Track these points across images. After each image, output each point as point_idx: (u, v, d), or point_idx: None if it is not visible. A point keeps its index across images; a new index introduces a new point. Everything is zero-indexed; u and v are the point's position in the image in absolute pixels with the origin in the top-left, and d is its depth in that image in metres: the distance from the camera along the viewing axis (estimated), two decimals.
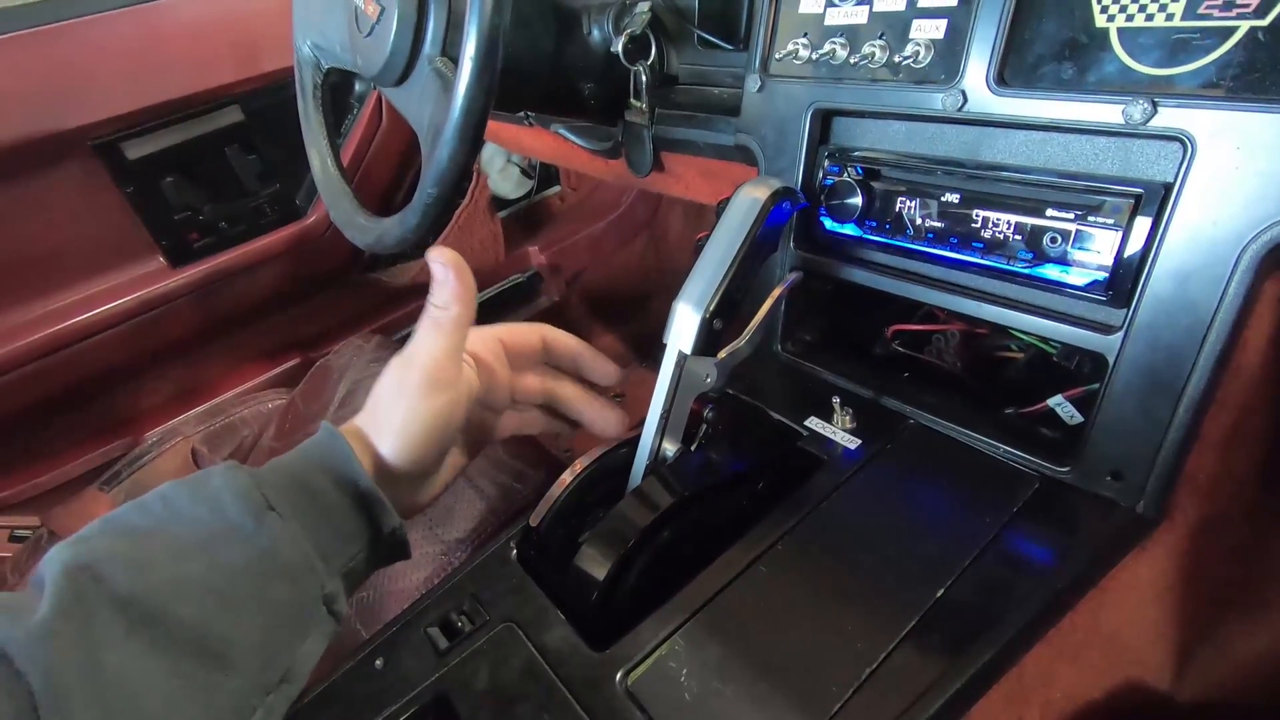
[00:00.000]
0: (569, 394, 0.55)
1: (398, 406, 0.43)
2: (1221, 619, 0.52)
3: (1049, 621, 0.41)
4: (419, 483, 0.47)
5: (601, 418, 0.55)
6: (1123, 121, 0.40)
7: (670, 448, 0.52)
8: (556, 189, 1.61)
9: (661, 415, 0.52)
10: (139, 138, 0.97)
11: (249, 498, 0.38)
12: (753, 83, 0.60)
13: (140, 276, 1.03)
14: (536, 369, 0.54)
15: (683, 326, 0.50)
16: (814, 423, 0.56)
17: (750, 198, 0.51)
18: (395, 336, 1.30)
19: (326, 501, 0.41)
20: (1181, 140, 0.38)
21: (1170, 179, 0.40)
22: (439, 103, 0.57)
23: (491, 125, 1.07)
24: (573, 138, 0.88)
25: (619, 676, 0.40)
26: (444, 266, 0.42)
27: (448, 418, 0.44)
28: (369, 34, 0.61)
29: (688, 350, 0.50)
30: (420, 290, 1.36)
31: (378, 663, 0.45)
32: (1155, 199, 0.40)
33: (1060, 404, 0.52)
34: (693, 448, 0.53)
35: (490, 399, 0.51)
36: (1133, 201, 0.41)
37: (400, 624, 0.48)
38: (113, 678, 0.31)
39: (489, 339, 0.50)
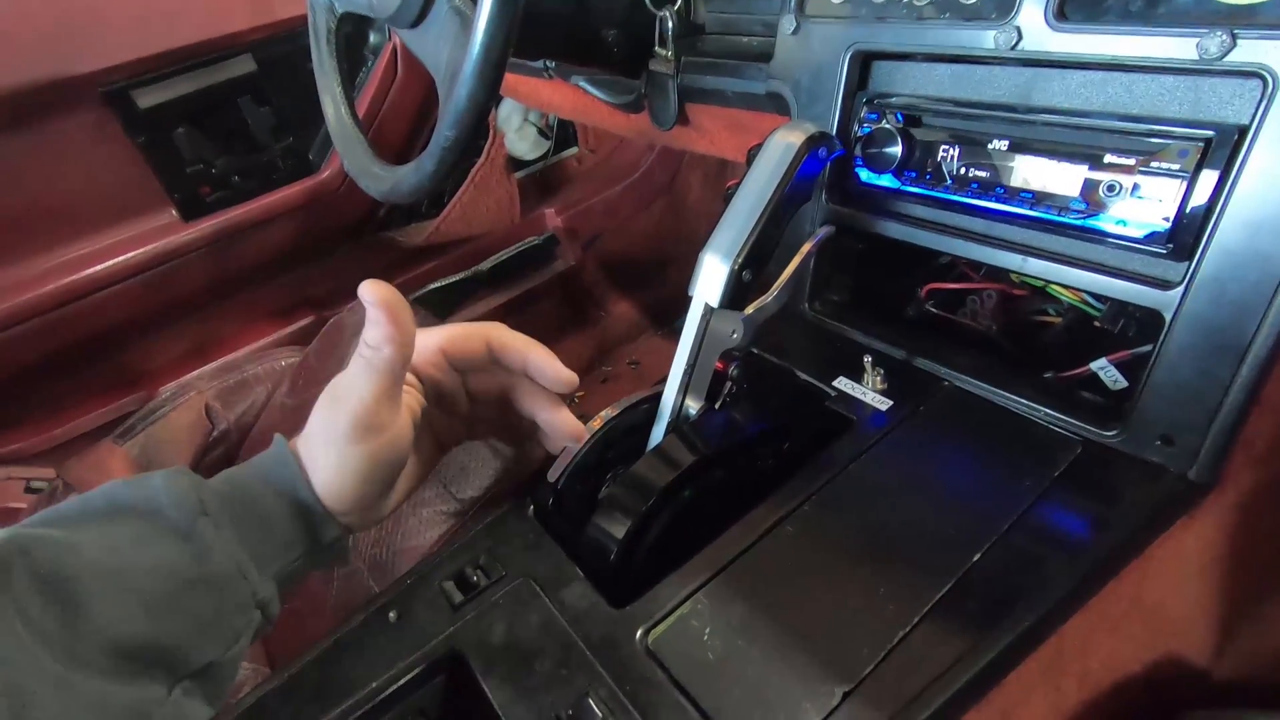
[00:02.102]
0: (524, 391, 0.48)
1: (327, 453, 0.40)
2: (1265, 595, 0.50)
3: (1091, 589, 0.39)
4: (366, 510, 0.43)
5: (558, 421, 0.47)
6: (1196, 56, 0.37)
7: (693, 405, 0.51)
8: (574, 150, 1.57)
9: (685, 371, 0.50)
10: (150, 86, 0.94)
11: (185, 501, 0.37)
12: (787, 24, 0.57)
13: (152, 230, 1.02)
14: (488, 369, 0.48)
15: (710, 278, 0.48)
16: (843, 383, 0.54)
17: (784, 143, 0.48)
18: (410, 297, 1.28)
19: (264, 509, 0.40)
20: (1262, 76, 0.35)
21: (1246, 121, 0.37)
22: (457, 42, 0.54)
23: (510, 79, 1.04)
24: (594, 91, 0.85)
25: (639, 634, 0.39)
26: (375, 305, 0.38)
27: (383, 460, 0.41)
28: None
29: (714, 303, 0.48)
30: (435, 251, 1.34)
31: (391, 615, 0.44)
32: (1228, 142, 0.37)
33: (1104, 367, 0.49)
34: (716, 406, 0.51)
35: (445, 407, 0.47)
36: (1202, 145, 0.38)
37: (414, 577, 0.47)
38: (6, 653, 0.30)
39: (429, 350, 0.45)
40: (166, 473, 0.38)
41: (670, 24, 0.69)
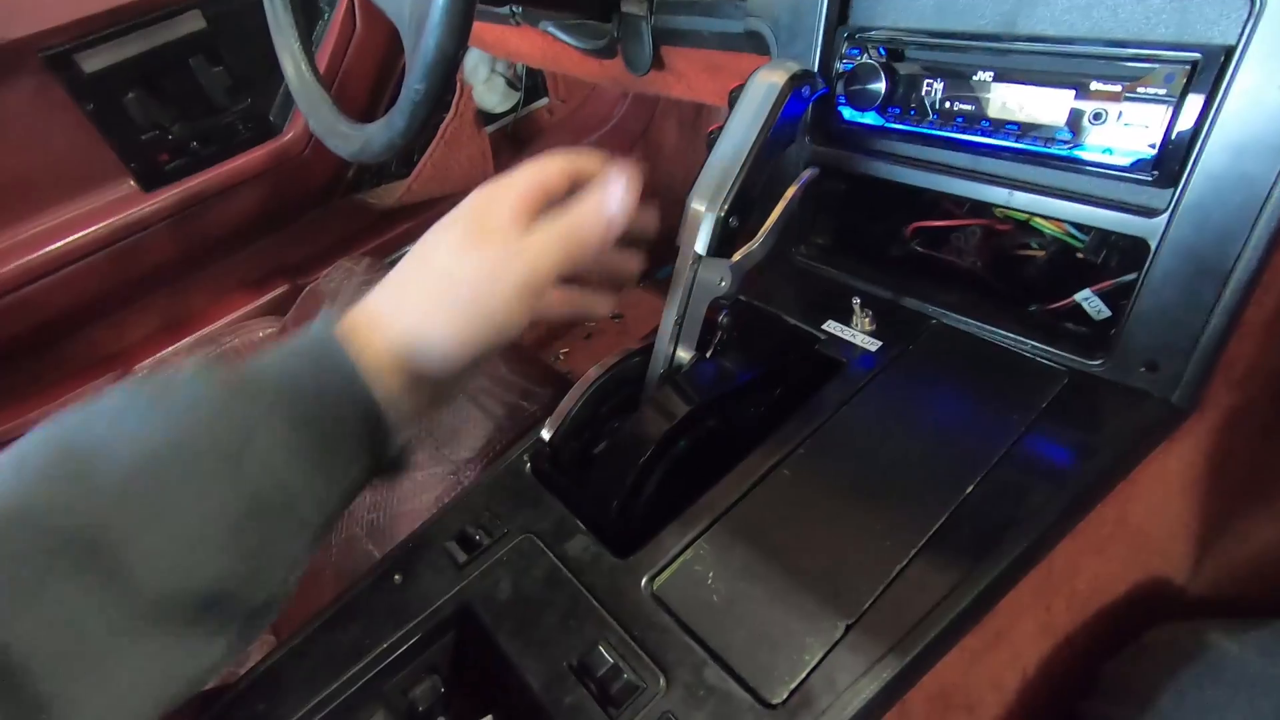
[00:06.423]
0: None
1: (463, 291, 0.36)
2: (1240, 510, 0.52)
3: (1078, 514, 0.40)
4: (445, 382, 0.39)
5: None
6: None
7: (685, 355, 0.51)
8: (545, 101, 1.53)
9: (675, 321, 0.50)
10: (94, 48, 0.89)
11: (229, 415, 0.32)
12: None
13: (112, 202, 0.98)
14: None
15: (696, 226, 0.47)
16: (832, 326, 0.54)
17: (767, 83, 0.47)
18: (386, 260, 1.26)
19: (326, 423, 0.34)
20: None
21: (1232, 41, 0.36)
22: None
23: (475, 27, 0.99)
24: (564, 36, 0.82)
25: (644, 581, 0.40)
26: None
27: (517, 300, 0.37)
28: None
29: (702, 251, 0.48)
30: (408, 211, 1.31)
31: (396, 578, 0.44)
32: (1214, 64, 0.37)
33: (1088, 298, 0.50)
34: (708, 355, 0.51)
35: None
36: (1188, 68, 0.38)
37: (417, 540, 0.47)
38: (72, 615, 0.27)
39: (525, 194, 0.39)
40: (191, 377, 0.33)
41: None
